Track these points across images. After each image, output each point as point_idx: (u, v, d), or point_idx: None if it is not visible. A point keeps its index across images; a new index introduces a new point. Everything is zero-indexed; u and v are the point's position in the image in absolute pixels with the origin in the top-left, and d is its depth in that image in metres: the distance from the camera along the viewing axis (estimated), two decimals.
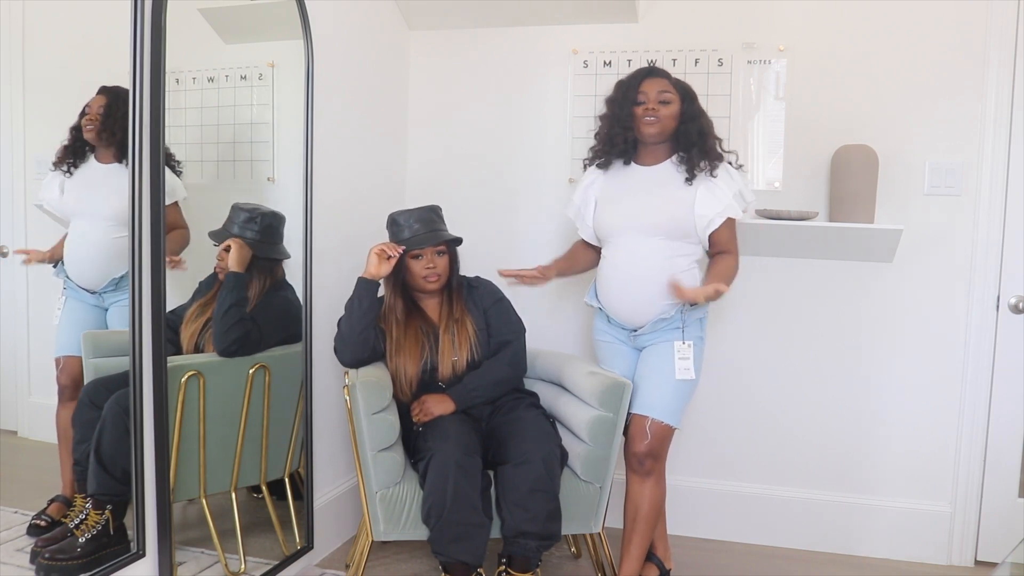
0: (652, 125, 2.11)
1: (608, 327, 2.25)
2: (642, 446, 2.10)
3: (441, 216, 2.34)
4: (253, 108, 2.18)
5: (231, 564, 2.05)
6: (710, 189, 2.09)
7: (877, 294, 2.64)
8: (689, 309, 2.12)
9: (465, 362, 2.25)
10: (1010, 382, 2.55)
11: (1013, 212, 2.51)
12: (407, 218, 2.27)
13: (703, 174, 2.10)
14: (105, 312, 1.79)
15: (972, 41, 2.50)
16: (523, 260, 2.86)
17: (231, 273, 2.03)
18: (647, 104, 2.11)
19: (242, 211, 2.08)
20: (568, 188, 2.84)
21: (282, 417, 2.25)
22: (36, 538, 1.65)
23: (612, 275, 2.18)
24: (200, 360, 1.98)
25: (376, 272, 2.18)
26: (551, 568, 2.47)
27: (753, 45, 2.67)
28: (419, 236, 2.24)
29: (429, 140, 3.01)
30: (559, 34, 2.84)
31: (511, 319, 2.33)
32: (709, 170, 2.10)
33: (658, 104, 2.10)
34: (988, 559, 2.58)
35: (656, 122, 2.10)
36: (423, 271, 2.23)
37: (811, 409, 2.71)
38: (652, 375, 2.13)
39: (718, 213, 2.09)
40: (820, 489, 2.71)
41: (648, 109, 2.10)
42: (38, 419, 1.72)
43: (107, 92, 1.71)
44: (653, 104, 2.10)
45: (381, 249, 2.18)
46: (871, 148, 2.49)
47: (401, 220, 2.27)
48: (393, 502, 2.07)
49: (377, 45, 2.77)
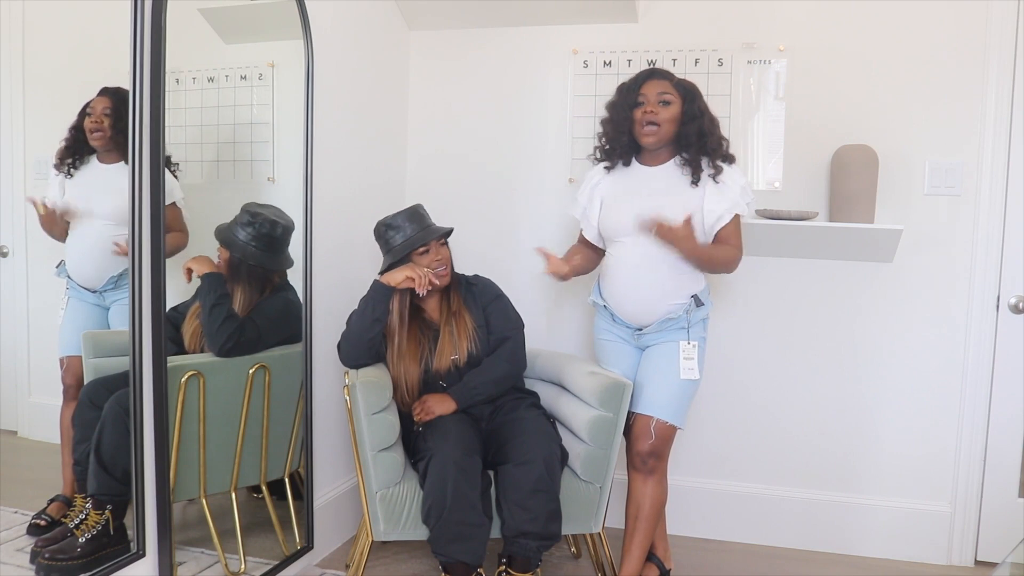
0: (650, 135, 2.10)
1: (611, 326, 2.25)
2: (646, 445, 2.10)
3: (427, 212, 2.34)
4: (253, 108, 2.18)
5: (231, 564, 2.05)
6: (718, 187, 2.09)
7: (877, 294, 2.64)
8: (695, 309, 2.12)
9: (465, 358, 2.25)
10: (1010, 382, 2.55)
11: (1013, 212, 2.51)
12: (399, 220, 2.26)
13: (707, 176, 2.10)
14: (107, 311, 1.79)
15: (972, 41, 2.51)
16: (523, 260, 2.87)
17: (205, 275, 1.99)
18: (646, 106, 2.10)
19: (246, 213, 2.08)
20: (568, 188, 2.84)
21: (282, 417, 2.25)
22: (36, 538, 1.65)
23: (619, 274, 2.18)
24: (200, 360, 1.98)
25: (398, 282, 2.17)
26: (551, 568, 2.47)
27: (753, 45, 2.67)
28: (420, 233, 2.24)
29: (429, 140, 3.01)
30: (559, 34, 2.84)
31: (510, 315, 2.33)
32: (714, 173, 2.10)
33: (658, 105, 2.10)
34: (988, 559, 2.58)
35: (655, 131, 2.10)
36: (432, 264, 2.23)
37: (811, 409, 2.71)
38: (657, 375, 2.13)
39: (727, 209, 2.09)
40: (820, 489, 2.71)
41: (647, 112, 2.09)
42: (38, 419, 1.72)
43: (110, 94, 1.71)
44: (652, 106, 2.10)
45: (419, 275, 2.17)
46: (871, 148, 2.49)
47: (395, 223, 2.26)
48: (393, 502, 2.07)
49: (377, 45, 2.77)
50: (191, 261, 1.97)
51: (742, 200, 2.11)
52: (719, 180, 2.09)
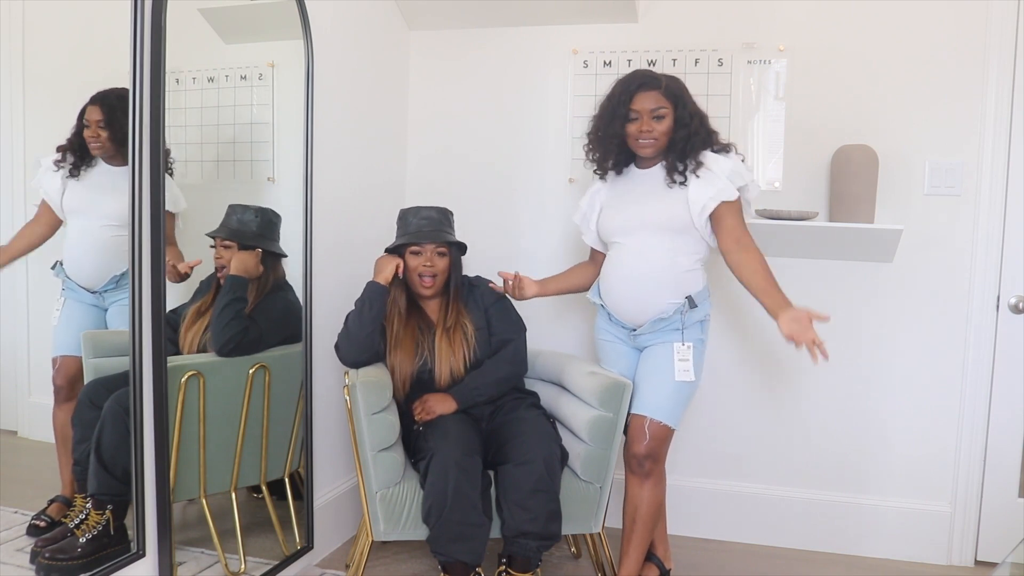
0: (648, 147, 2.10)
1: (609, 325, 2.25)
2: (641, 447, 2.09)
3: (451, 221, 2.35)
4: (253, 108, 2.18)
5: (231, 564, 2.05)
6: (702, 177, 2.06)
7: (877, 294, 2.64)
8: (689, 310, 2.12)
9: (462, 368, 2.25)
10: (1010, 382, 2.55)
11: (1013, 212, 2.51)
12: (415, 214, 2.29)
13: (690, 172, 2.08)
14: (105, 312, 1.79)
15: (972, 41, 2.51)
16: (523, 259, 2.87)
17: (230, 276, 2.03)
18: (641, 124, 2.08)
19: (240, 207, 2.09)
20: (568, 188, 2.84)
21: (282, 417, 2.25)
22: (36, 538, 1.65)
23: (615, 272, 2.18)
24: (200, 360, 1.98)
25: (387, 277, 2.21)
26: (551, 568, 2.47)
27: (753, 45, 2.67)
28: (422, 231, 2.25)
29: (429, 140, 3.01)
30: (559, 34, 2.84)
31: (512, 318, 2.34)
32: (694, 168, 2.07)
33: (652, 122, 2.07)
34: (988, 559, 2.58)
35: (652, 144, 2.09)
36: (420, 268, 2.24)
37: (810, 409, 2.71)
38: (652, 376, 2.13)
39: (711, 197, 2.04)
40: (819, 489, 2.71)
41: (643, 131, 2.08)
42: (38, 419, 1.71)
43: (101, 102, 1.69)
44: (647, 124, 2.07)
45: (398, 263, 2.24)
46: (871, 148, 2.49)
47: (409, 216, 2.30)
48: (393, 502, 2.07)
49: (377, 45, 2.77)
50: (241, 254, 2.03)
51: (731, 184, 2.05)
52: (700, 173, 2.06)
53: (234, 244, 2.07)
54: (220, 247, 2.06)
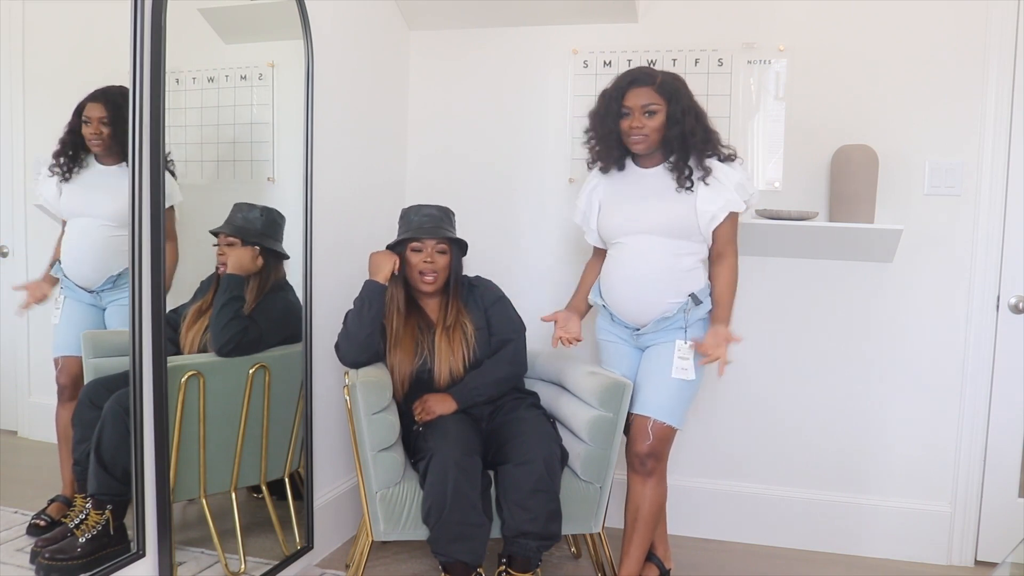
0: (640, 143, 2.10)
1: (611, 326, 2.25)
2: (643, 446, 2.09)
3: (452, 220, 2.35)
4: (253, 108, 2.18)
5: (231, 564, 2.05)
6: (711, 185, 2.07)
7: (877, 294, 2.64)
8: (693, 308, 2.12)
9: (461, 368, 2.25)
10: (1010, 382, 2.55)
11: (1013, 212, 2.51)
12: (417, 212, 2.30)
13: (697, 177, 2.09)
14: (103, 312, 1.79)
15: (972, 41, 2.51)
16: (523, 260, 2.87)
17: (226, 275, 2.03)
18: (632, 120, 2.08)
19: (246, 205, 2.09)
20: (568, 188, 2.84)
21: (282, 417, 2.25)
22: (36, 538, 1.65)
23: (616, 273, 2.18)
24: (200, 360, 1.98)
25: (386, 276, 2.20)
26: (551, 568, 2.47)
27: (753, 45, 2.67)
28: (423, 227, 2.25)
29: (429, 140, 3.01)
30: (559, 34, 2.84)
31: (511, 317, 2.34)
32: (703, 175, 2.08)
33: (643, 117, 2.07)
34: (988, 559, 2.58)
35: (644, 139, 2.09)
36: (420, 264, 2.24)
37: (810, 409, 2.71)
38: (654, 375, 2.13)
39: (720, 208, 2.07)
40: (820, 489, 2.71)
41: (634, 127, 2.08)
42: (38, 419, 1.72)
43: (104, 100, 1.69)
44: (638, 119, 2.07)
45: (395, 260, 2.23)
46: (871, 148, 2.49)
47: (411, 214, 2.31)
48: (393, 502, 2.07)
49: (377, 45, 2.77)
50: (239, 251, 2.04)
51: (738, 196, 2.08)
52: (708, 181, 2.07)
53: (237, 241, 2.07)
54: (223, 244, 2.06)
